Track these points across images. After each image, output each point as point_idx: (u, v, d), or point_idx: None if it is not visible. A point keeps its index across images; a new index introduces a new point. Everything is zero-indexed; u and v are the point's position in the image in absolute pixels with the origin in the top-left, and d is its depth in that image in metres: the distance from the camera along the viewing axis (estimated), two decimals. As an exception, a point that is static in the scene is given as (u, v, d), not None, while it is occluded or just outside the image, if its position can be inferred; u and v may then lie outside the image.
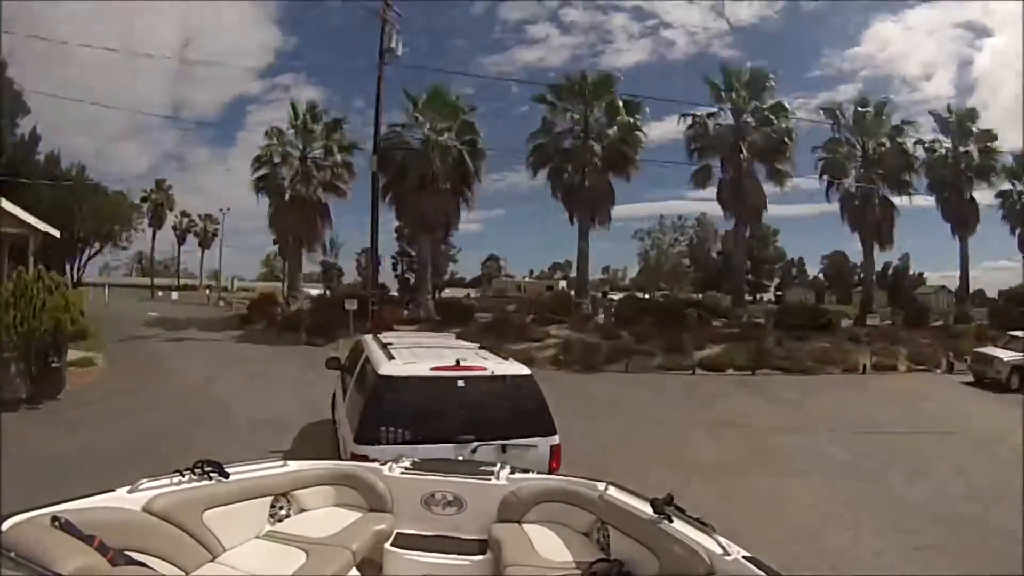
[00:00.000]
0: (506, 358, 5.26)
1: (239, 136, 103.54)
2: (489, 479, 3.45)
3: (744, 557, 2.34)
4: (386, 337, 6.08)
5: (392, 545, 3.26)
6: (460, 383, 4.53)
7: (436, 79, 24.63)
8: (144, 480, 2.78)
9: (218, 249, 58.62)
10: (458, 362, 4.62)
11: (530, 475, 3.59)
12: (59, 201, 22.68)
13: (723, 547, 2.38)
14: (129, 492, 2.68)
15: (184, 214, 59.68)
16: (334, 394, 7.47)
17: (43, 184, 23.30)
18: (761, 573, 2.23)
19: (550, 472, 4.31)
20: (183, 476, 2.93)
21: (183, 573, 2.60)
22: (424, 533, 3.35)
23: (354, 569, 3.02)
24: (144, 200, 51.25)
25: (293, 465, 3.51)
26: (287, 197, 24.70)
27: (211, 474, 2.97)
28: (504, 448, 4.33)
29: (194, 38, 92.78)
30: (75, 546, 2.06)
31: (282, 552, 2.96)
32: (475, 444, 4.30)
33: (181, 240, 61.33)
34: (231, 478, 3.06)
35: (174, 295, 43.05)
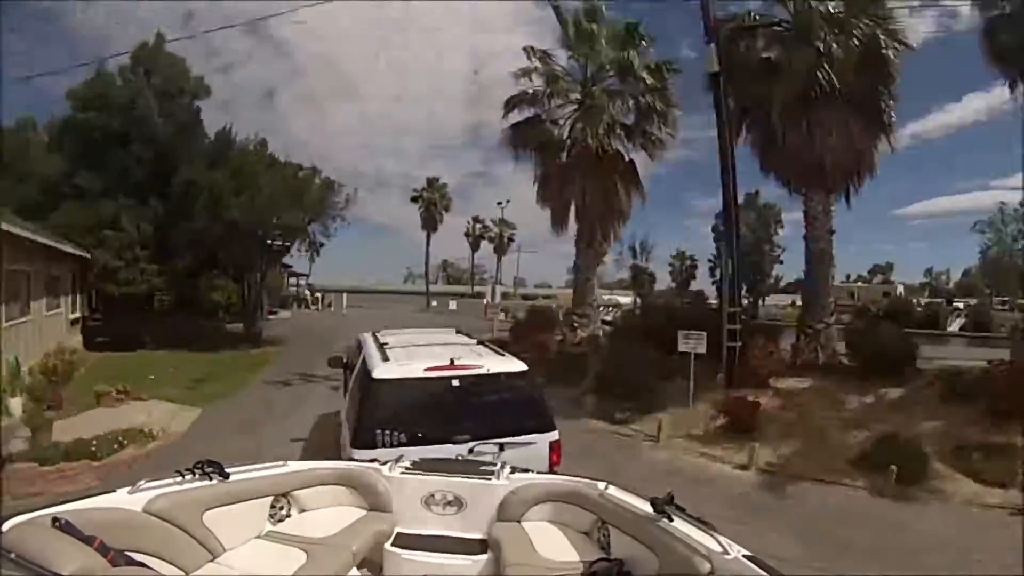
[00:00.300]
0: (502, 354, 5.16)
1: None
2: (489, 479, 3.44)
3: (744, 556, 2.32)
4: (383, 336, 6.04)
5: (392, 545, 3.27)
6: (455, 382, 4.53)
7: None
8: (144, 481, 2.82)
9: (532, 256, 55.89)
10: (452, 361, 4.62)
11: (530, 475, 3.57)
12: (214, 184, 16.82)
13: (723, 546, 2.36)
14: (130, 493, 2.72)
15: (476, 219, 57.64)
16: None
17: (205, 162, 17.65)
18: (761, 572, 2.21)
19: (551, 468, 4.35)
20: (183, 477, 2.97)
21: (183, 573, 2.63)
22: (424, 533, 3.36)
23: (354, 569, 3.04)
24: (415, 200, 47.44)
25: (293, 465, 3.52)
26: (564, 153, 15.70)
27: (211, 475, 3.01)
28: (502, 446, 4.32)
29: (485, 62, 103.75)
30: (75, 547, 2.09)
31: (282, 552, 2.96)
32: (472, 443, 4.30)
33: (475, 246, 59.54)
34: (231, 478, 3.08)
35: (452, 304, 37.21)
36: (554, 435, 4.59)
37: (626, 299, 41.10)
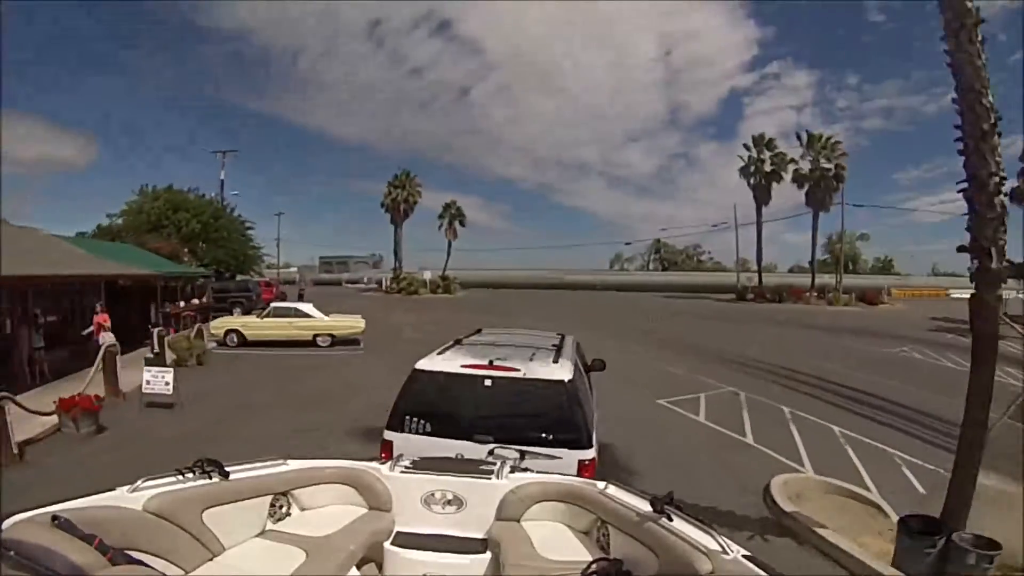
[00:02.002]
0: (557, 360, 4.82)
1: (740, 127, 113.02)
2: (489, 478, 3.42)
3: (744, 556, 2.33)
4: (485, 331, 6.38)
5: (392, 544, 3.26)
6: (487, 383, 4.50)
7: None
8: (144, 479, 2.82)
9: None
10: (491, 362, 4.59)
11: (530, 474, 3.54)
12: None
13: (723, 546, 2.36)
14: (129, 491, 2.72)
15: (762, 140, 37.64)
16: None
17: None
18: (760, 572, 2.22)
19: None
20: (183, 475, 2.96)
21: (183, 572, 2.62)
22: (424, 532, 3.35)
23: (354, 568, 3.02)
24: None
25: (293, 464, 3.50)
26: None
27: (211, 473, 3.00)
28: (523, 454, 4.17)
29: (675, 45, 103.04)
30: (75, 545, 2.09)
31: (282, 551, 2.94)
32: (492, 446, 4.22)
33: (762, 195, 37.47)
34: (231, 477, 3.07)
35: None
36: (588, 454, 4.29)
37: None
